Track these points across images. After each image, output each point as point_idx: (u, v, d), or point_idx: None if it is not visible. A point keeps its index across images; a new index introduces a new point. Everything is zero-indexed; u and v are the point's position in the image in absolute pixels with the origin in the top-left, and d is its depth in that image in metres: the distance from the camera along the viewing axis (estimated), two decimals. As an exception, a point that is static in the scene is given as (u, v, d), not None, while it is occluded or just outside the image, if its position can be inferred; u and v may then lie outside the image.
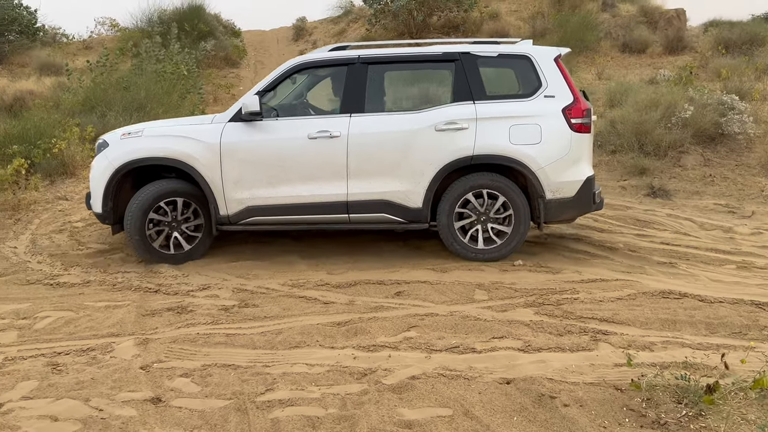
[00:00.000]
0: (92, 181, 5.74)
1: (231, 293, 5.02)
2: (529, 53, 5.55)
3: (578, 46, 15.71)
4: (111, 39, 18.48)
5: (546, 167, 5.34)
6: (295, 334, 4.17)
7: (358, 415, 3.11)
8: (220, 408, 3.24)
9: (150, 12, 17.77)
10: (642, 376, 3.18)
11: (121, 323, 4.43)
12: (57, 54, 16.95)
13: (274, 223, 5.64)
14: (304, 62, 5.71)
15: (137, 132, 5.73)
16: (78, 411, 3.24)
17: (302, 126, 5.51)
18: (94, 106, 10.54)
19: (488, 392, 3.30)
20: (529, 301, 4.56)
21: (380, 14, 19.15)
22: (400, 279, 5.16)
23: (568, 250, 5.82)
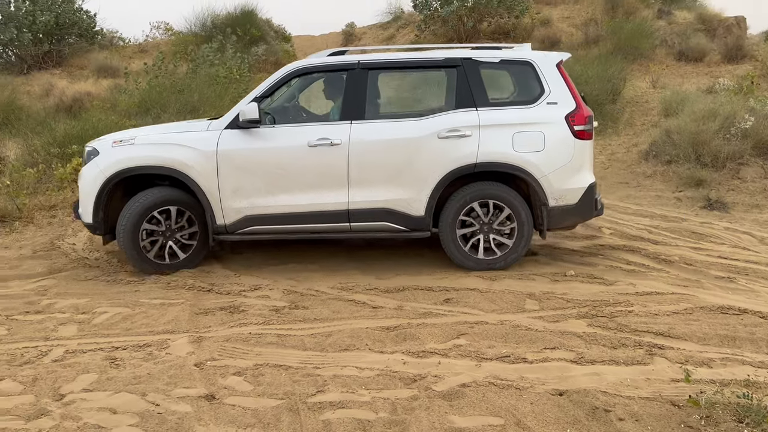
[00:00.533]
0: (82, 190, 5.56)
1: (281, 294, 5.10)
2: (531, 59, 5.50)
3: (632, 54, 15.44)
4: (165, 43, 18.99)
5: (549, 175, 5.30)
6: (345, 337, 4.21)
7: (408, 421, 3.12)
8: (273, 407, 3.30)
9: (204, 17, 18.17)
10: (701, 393, 3.11)
11: (175, 321, 4.55)
12: (114, 57, 17.50)
13: (274, 232, 5.51)
14: (302, 67, 5.58)
15: (129, 139, 5.53)
16: (135, 405, 3.34)
17: (302, 133, 5.38)
18: (149, 107, 10.86)
19: (540, 403, 3.27)
20: (582, 312, 4.50)
21: (430, 20, 19.18)
22: (449, 286, 5.16)
23: (622, 262, 5.71)
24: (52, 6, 16.58)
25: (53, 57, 16.77)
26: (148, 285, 5.36)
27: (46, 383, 3.61)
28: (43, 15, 16.16)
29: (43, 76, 15.81)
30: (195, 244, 5.66)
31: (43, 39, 16.37)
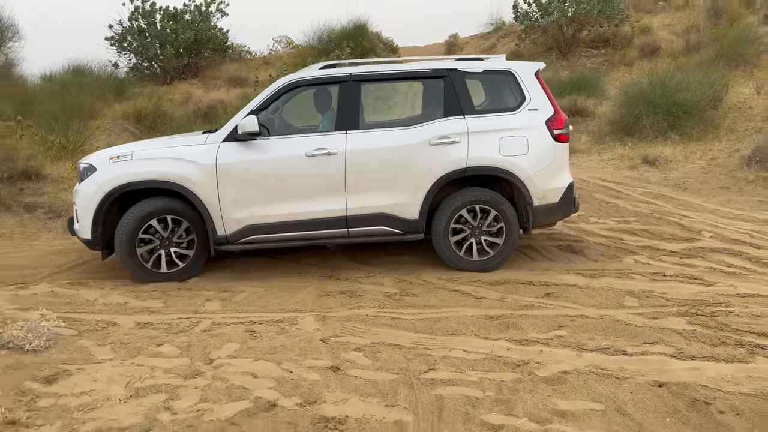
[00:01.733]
0: (79, 207, 5.35)
1: (393, 282, 5.29)
2: (512, 69, 5.55)
3: (735, 60, 14.53)
4: (287, 55, 19.80)
5: (533, 176, 5.35)
6: (452, 323, 4.33)
7: (514, 401, 3.20)
8: (390, 381, 3.47)
9: (321, 31, 18.80)
10: (805, 392, 2.99)
11: (303, 301, 4.85)
12: (242, 68, 18.48)
13: (274, 240, 5.40)
14: (297, 80, 5.46)
15: (126, 155, 5.34)
16: (273, 371, 3.62)
17: (299, 144, 5.30)
18: (274, 114, 11.42)
19: (640, 393, 3.25)
20: (682, 310, 4.38)
21: (530, 30, 18.88)
22: (549, 281, 5.16)
23: (722, 264, 5.48)
24: (191, 24, 17.72)
25: (191, 69, 17.91)
26: (280, 270, 5.71)
27: (198, 349, 3.97)
28: (184, 33, 17.31)
29: (183, 86, 16.95)
30: (193, 253, 5.44)
31: (184, 53, 17.52)
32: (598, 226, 7.01)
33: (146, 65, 18.31)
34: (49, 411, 3.16)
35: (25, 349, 3.86)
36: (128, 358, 3.83)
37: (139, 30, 17.62)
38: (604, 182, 9.30)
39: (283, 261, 6.00)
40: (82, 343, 4.06)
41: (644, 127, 11.00)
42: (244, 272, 5.67)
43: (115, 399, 3.28)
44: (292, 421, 3.03)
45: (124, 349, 3.96)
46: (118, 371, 3.62)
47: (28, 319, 4.17)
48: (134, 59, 18.31)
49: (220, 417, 3.08)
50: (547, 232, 6.75)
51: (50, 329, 4.11)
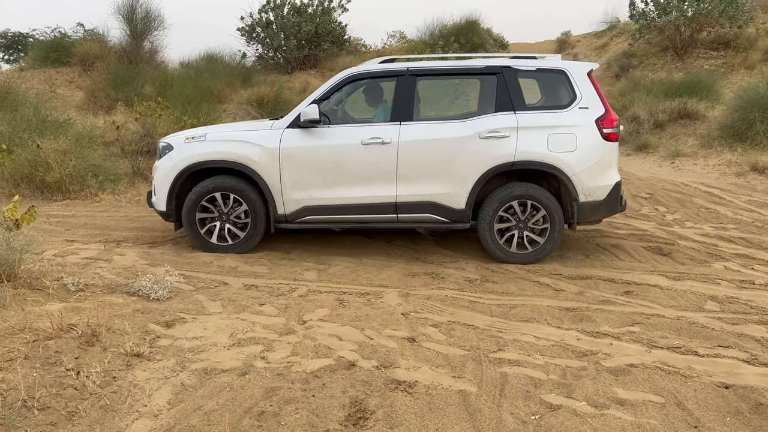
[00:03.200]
0: (156, 182, 5.73)
1: (475, 269, 5.42)
2: (564, 68, 5.57)
3: None
4: (400, 49, 20.12)
5: (580, 173, 5.36)
6: (527, 310, 4.42)
7: (575, 385, 3.27)
8: (460, 356, 3.64)
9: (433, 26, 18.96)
10: None
11: (389, 278, 5.11)
12: (357, 61, 19.00)
13: (328, 221, 5.61)
14: (356, 73, 5.65)
15: (200, 136, 5.68)
16: (356, 336, 3.90)
17: (356, 133, 5.48)
18: (382, 104, 11.75)
19: (704, 392, 3.21)
20: (764, 319, 4.20)
21: (645, 29, 17.99)
22: (631, 280, 5.08)
23: (821, 279, 5.13)
24: (313, 18, 18.45)
25: (311, 60, 18.69)
26: (372, 248, 6.00)
27: (293, 311, 4.33)
28: (306, 25, 18.07)
29: (302, 76, 17.73)
30: (248, 228, 5.68)
31: (305, 45, 18.31)
32: (693, 231, 6.73)
33: (271, 55, 19.31)
34: (167, 349, 3.61)
35: (151, 298, 4.40)
36: (234, 313, 4.26)
37: (267, 22, 18.60)
38: (707, 187, 8.82)
39: (376, 240, 6.29)
40: (198, 297, 4.55)
41: (757, 133, 10.26)
42: (340, 248, 6.02)
43: (220, 345, 3.69)
44: (367, 380, 3.29)
45: (231, 306, 4.39)
46: (225, 323, 4.05)
47: (155, 273, 4.72)
48: (260, 49, 19.36)
49: (305, 369, 3.39)
50: (638, 233, 6.58)
51: (172, 283, 4.63)
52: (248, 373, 3.32)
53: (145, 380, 3.20)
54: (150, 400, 3.01)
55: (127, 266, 5.19)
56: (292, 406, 2.98)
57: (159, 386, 3.15)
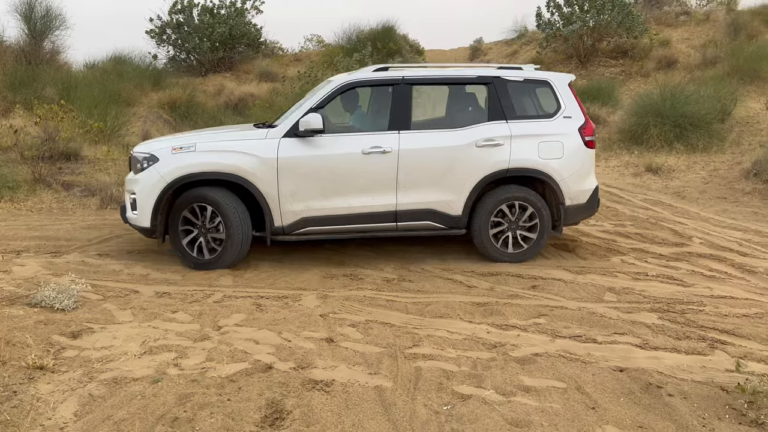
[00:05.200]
0: (139, 196, 5.35)
1: (393, 269, 5.55)
2: (549, 79, 5.84)
3: (750, 76, 14.43)
4: (316, 53, 20.10)
5: (567, 178, 5.66)
6: (441, 307, 4.58)
7: (485, 375, 3.44)
8: (377, 353, 3.73)
9: (350, 31, 19.08)
10: (747, 380, 3.17)
11: (308, 281, 5.13)
12: (274, 64, 18.82)
13: (327, 232, 5.52)
14: (354, 81, 5.58)
15: (189, 146, 5.35)
16: (273, 340, 3.90)
17: (356, 142, 5.42)
18: (299, 108, 11.72)
19: (601, 375, 3.46)
20: (655, 307, 4.57)
21: (552, 38, 18.91)
22: (538, 275, 5.36)
23: (705, 269, 5.62)
24: (227, 20, 18.11)
25: (226, 62, 18.31)
26: (291, 252, 6.00)
27: (208, 317, 4.27)
28: (220, 27, 17.71)
29: (217, 79, 17.34)
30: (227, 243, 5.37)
31: (219, 47, 17.92)
32: (596, 228, 7.17)
33: (183, 57, 18.76)
34: (73, 361, 3.48)
35: (55, 308, 4.21)
36: (145, 321, 4.15)
37: (177, 24, 18.08)
38: (608, 187, 9.42)
39: (296, 244, 6.28)
40: (106, 306, 4.40)
41: (651, 136, 11.06)
42: (257, 252, 5.97)
43: (130, 354, 3.59)
44: (284, 382, 3.31)
45: (142, 314, 4.28)
46: (136, 332, 3.94)
47: (60, 283, 4.51)
48: (172, 51, 18.78)
49: (221, 374, 3.37)
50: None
51: (78, 292, 4.44)
52: (160, 381, 3.26)
53: (49, 393, 3.07)
54: (54, 413, 2.89)
55: (28, 277, 4.93)
56: (207, 411, 2.96)
57: (64, 398, 3.03)
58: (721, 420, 2.98)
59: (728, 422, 2.95)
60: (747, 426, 2.92)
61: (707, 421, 2.96)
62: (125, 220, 5.61)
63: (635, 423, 2.96)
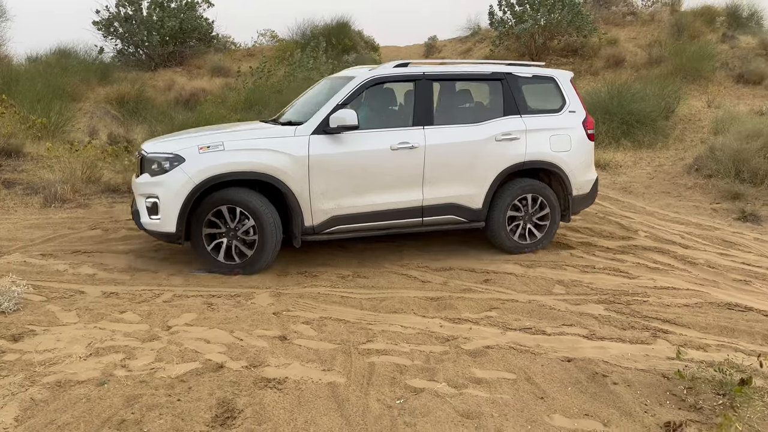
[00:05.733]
0: (163, 199, 4.99)
1: (347, 265, 5.54)
2: (554, 75, 6.15)
3: (692, 75, 15.00)
4: (270, 48, 19.86)
5: (574, 169, 5.97)
6: (395, 302, 4.61)
7: (437, 368, 3.49)
8: (331, 349, 3.73)
9: (304, 26, 18.93)
10: (686, 367, 3.31)
11: (261, 279, 5.08)
12: (226, 59, 18.50)
13: (356, 230, 5.46)
14: (378, 77, 5.56)
15: (216, 145, 5.08)
16: (224, 338, 3.86)
17: (383, 138, 5.41)
18: (252, 104, 11.59)
19: (550, 366, 3.55)
20: (602, 299, 4.71)
21: (504, 36, 19.21)
22: (490, 269, 5.45)
23: (650, 261, 5.83)
24: (178, 13, 17.71)
25: (176, 57, 17.90)
26: (241, 250, 5.92)
27: (157, 317, 4.18)
28: (170, 21, 17.30)
29: (167, 73, 16.95)
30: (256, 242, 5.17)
31: (169, 41, 17.51)
32: (546, 223, 7.33)
33: (132, 51, 18.26)
34: (14, 364, 3.36)
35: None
36: (91, 322, 4.03)
37: (125, 16, 17.58)
38: (558, 183, 9.63)
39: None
40: (50, 308, 4.25)
41: (600, 133, 11.38)
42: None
43: (75, 356, 3.49)
44: (235, 380, 3.28)
45: (88, 315, 4.16)
46: (81, 333, 3.83)
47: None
48: (120, 44, 18.25)
49: (170, 375, 3.31)
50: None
51: (20, 294, 4.28)
52: (107, 383, 3.18)
53: (-12, 399, 2.96)
54: (-7, 420, 2.79)
55: (-35, 279, 4.73)
56: (156, 412, 2.91)
57: (4, 403, 2.92)
58: (663, 406, 3.10)
59: (669, 408, 3.08)
60: (686, 411, 3.04)
61: (649, 407, 3.08)
62: (141, 226, 5.21)
63: (582, 411, 3.06)
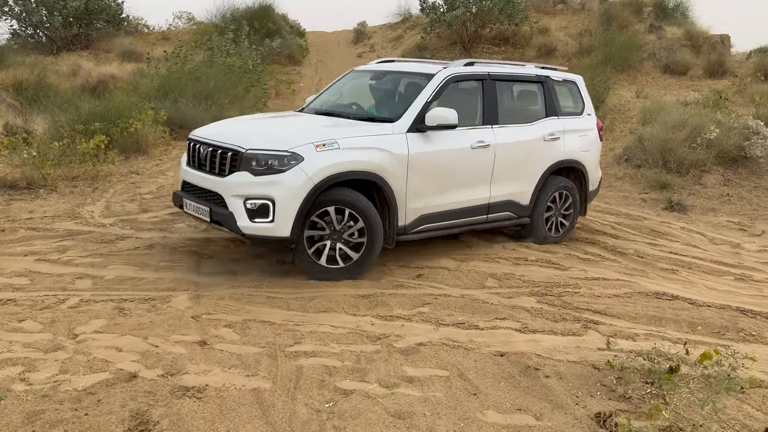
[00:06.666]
0: (280, 200, 4.74)
1: (274, 263, 5.46)
2: (575, 79, 6.79)
3: (622, 65, 15.70)
4: (187, 32, 19.29)
5: (592, 167, 6.72)
6: (325, 301, 4.59)
7: (368, 369, 3.50)
8: (255, 353, 3.68)
9: (224, 9, 18.51)
10: (615, 357, 3.48)
11: (178, 281, 4.93)
12: (138, 43, 17.83)
13: (435, 229, 5.60)
14: (454, 75, 5.72)
15: (332, 143, 4.95)
16: (138, 346, 3.72)
17: (465, 136, 5.62)
18: (167, 92, 11.20)
19: (483, 361, 3.64)
20: (534, 291, 4.87)
21: (435, 23, 19.44)
22: (423, 264, 5.52)
23: (581, 252, 6.08)
24: (82, -8, 16.91)
25: (81, 40, 17.11)
26: (157, 249, 5.73)
27: (62, 325, 3.98)
28: (73, 0, 16.49)
29: (71, 58, 16.16)
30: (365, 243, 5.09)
31: (73, 22, 16.70)
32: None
33: (30, 33, 17.29)
34: None
35: None
36: (-15, 333, 3.79)
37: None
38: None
39: (159, 239, 6.01)
40: (-65, 318, 3.97)
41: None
42: (118, 254, 5.65)
43: (-34, 372, 3.27)
44: (150, 390, 3.17)
45: (-19, 325, 3.91)
46: (-27, 346, 3.59)
47: None
48: (16, 25, 17.24)
49: (77, 387, 3.16)
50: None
51: None
52: (3, 399, 3.00)
53: None
54: None
55: None
56: (60, 428, 2.77)
57: None
58: (593, 397, 3.24)
59: (599, 399, 3.22)
60: (616, 401, 3.19)
61: (580, 399, 3.21)
62: (239, 231, 4.84)
63: (514, 406, 3.15)
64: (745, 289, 5.24)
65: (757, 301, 4.92)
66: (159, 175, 8.53)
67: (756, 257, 6.27)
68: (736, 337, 4.14)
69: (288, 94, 16.51)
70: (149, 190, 7.78)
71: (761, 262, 6.10)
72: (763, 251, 6.47)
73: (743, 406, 3.21)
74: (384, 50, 22.15)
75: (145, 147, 9.30)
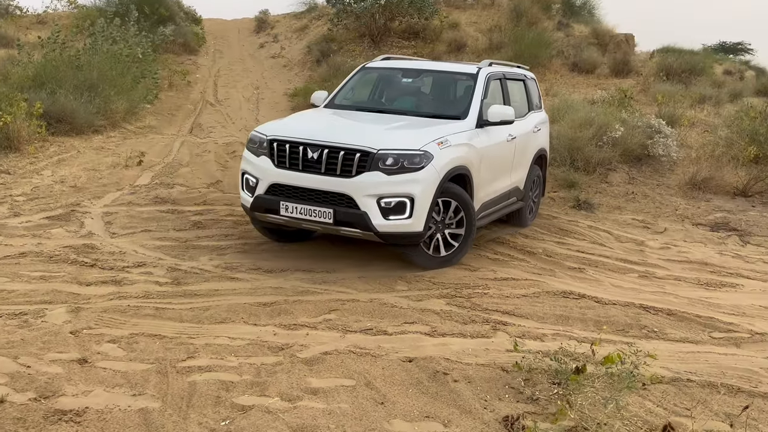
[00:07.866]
0: (420, 197, 5.16)
1: (165, 271, 5.27)
2: (534, 77, 7.90)
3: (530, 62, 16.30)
4: (67, 16, 18.35)
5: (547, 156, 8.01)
6: (222, 311, 4.48)
7: (269, 382, 3.45)
8: (142, 371, 3.53)
9: (109, -8, 17.71)
10: (523, 358, 3.61)
11: (54, 292, 4.65)
12: (9, 26, 16.75)
13: (485, 216, 6.26)
14: (490, 74, 6.57)
15: (446, 141, 5.45)
16: (6, 366, 3.48)
17: (503, 130, 6.38)
18: (44, 82, 10.56)
19: (391, 368, 3.67)
20: (444, 293, 4.97)
21: (342, 14, 19.46)
22: (329, 268, 5.50)
23: (491, 252, 6.26)
24: (-60, -33, 15.68)
25: (-61, 21, 15.86)
26: (30, 258, 5.38)
27: None
28: (-71, -24, 15.26)
29: (-73, 42, 14.95)
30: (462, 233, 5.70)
31: (-71, 1, 15.46)
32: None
33: None
34: None
35: None
36: None
37: None
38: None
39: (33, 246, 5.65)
40: None
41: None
42: (-14, 261, 5.27)
43: None
44: (21, 416, 2.98)
45: None
46: None
47: None
48: None
49: (-70, 418, 2.91)
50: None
51: None
52: None
53: None
54: None
55: None
56: None
57: None
58: (502, 400, 3.34)
59: (507, 401, 3.33)
60: (524, 403, 3.31)
61: (488, 403, 3.30)
62: (374, 229, 5.14)
63: (422, 413, 3.20)
64: (648, 287, 5.58)
65: (659, 297, 5.25)
66: (33, 174, 8.03)
67: (659, 254, 6.70)
68: (640, 334, 4.40)
69: (183, 85, 16.04)
70: (22, 191, 7.31)
71: (663, 259, 6.52)
72: (665, 248, 6.92)
73: (645, 402, 3.41)
74: (288, 41, 21.96)
75: (18, 143, 8.74)
